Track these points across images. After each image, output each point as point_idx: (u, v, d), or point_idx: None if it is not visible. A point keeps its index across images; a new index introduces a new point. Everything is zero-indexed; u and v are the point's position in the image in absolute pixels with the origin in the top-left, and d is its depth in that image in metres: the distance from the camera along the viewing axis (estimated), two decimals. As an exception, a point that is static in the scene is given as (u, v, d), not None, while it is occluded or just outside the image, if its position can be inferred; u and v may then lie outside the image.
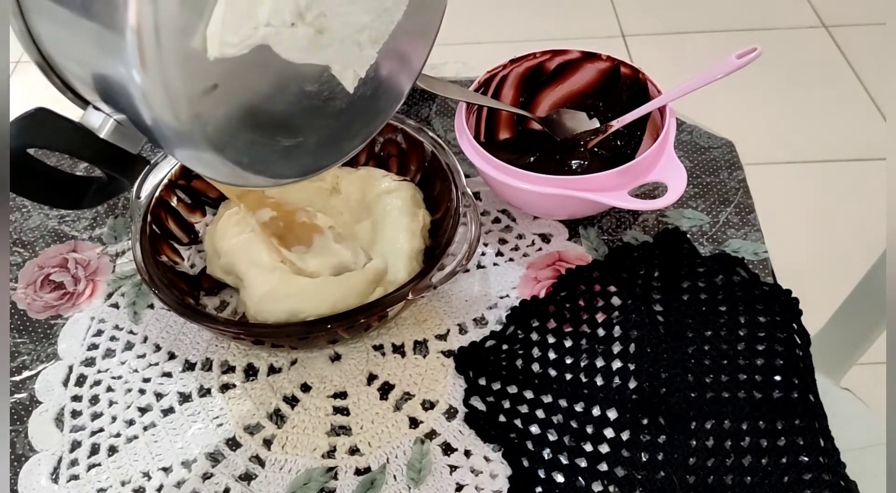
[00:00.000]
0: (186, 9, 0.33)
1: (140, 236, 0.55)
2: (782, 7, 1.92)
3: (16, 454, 0.53)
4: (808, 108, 1.67)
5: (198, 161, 0.38)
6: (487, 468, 0.50)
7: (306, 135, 0.42)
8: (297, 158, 0.43)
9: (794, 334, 0.55)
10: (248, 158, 0.40)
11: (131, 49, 0.32)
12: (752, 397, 0.52)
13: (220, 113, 0.37)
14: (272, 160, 0.41)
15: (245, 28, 0.35)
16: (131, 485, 0.51)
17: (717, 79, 0.57)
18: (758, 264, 0.60)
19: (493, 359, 0.55)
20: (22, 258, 0.65)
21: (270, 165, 0.41)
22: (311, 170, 0.44)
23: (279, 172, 0.42)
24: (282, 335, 0.52)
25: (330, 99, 0.41)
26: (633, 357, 0.54)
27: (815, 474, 0.49)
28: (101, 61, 0.36)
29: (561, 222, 0.64)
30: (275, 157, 0.41)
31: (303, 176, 0.44)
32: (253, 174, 0.40)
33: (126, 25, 0.32)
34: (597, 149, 0.67)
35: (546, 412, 0.52)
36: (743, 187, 0.66)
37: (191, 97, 0.35)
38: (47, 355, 0.58)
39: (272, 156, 0.41)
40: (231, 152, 0.38)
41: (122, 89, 0.35)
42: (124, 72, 0.34)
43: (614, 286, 0.58)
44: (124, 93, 0.35)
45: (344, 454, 0.52)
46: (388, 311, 0.52)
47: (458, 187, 0.57)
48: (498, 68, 0.66)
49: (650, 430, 0.51)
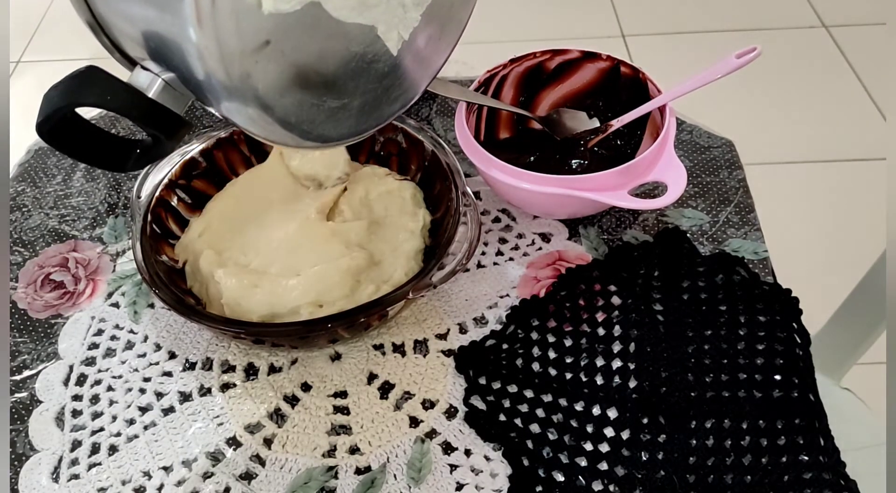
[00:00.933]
0: None
1: (140, 236, 0.55)
2: (782, 7, 1.92)
3: (16, 454, 0.53)
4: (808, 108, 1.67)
5: (246, 118, 0.39)
6: (487, 467, 0.50)
7: (350, 97, 0.43)
8: (341, 120, 0.44)
9: (794, 333, 0.55)
10: (295, 117, 0.41)
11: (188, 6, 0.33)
12: (752, 396, 0.52)
13: (270, 71, 0.38)
14: (318, 121, 0.42)
15: None
16: (132, 484, 0.51)
17: (717, 79, 0.57)
18: (758, 264, 0.60)
19: (494, 358, 0.55)
20: (22, 258, 0.65)
21: (316, 126, 0.42)
22: (352, 133, 0.45)
23: (323, 133, 0.43)
24: (282, 335, 0.52)
25: (374, 61, 0.42)
26: (633, 356, 0.54)
27: (815, 473, 0.49)
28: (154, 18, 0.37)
29: (561, 222, 0.64)
30: (321, 118, 0.42)
31: (344, 139, 0.45)
32: (298, 135, 0.41)
33: None
34: (597, 148, 0.67)
35: (546, 411, 0.52)
36: (743, 187, 0.66)
37: (243, 53, 0.36)
38: (48, 355, 0.58)
39: (318, 117, 0.42)
40: (279, 111, 0.39)
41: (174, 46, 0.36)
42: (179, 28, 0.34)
43: (614, 286, 0.58)
44: (177, 49, 0.36)
45: (344, 453, 0.52)
46: (388, 310, 0.52)
47: (458, 187, 0.57)
48: (498, 68, 0.66)
49: (650, 429, 0.51)
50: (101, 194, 0.69)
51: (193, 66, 0.36)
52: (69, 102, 0.36)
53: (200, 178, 0.62)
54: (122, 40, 0.40)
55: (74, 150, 0.39)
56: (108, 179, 0.70)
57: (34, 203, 0.69)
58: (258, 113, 0.39)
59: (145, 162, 0.42)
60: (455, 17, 0.47)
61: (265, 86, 0.38)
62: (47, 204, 0.69)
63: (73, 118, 0.38)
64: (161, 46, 0.37)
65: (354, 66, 0.42)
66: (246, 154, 0.64)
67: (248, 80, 0.37)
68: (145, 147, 0.41)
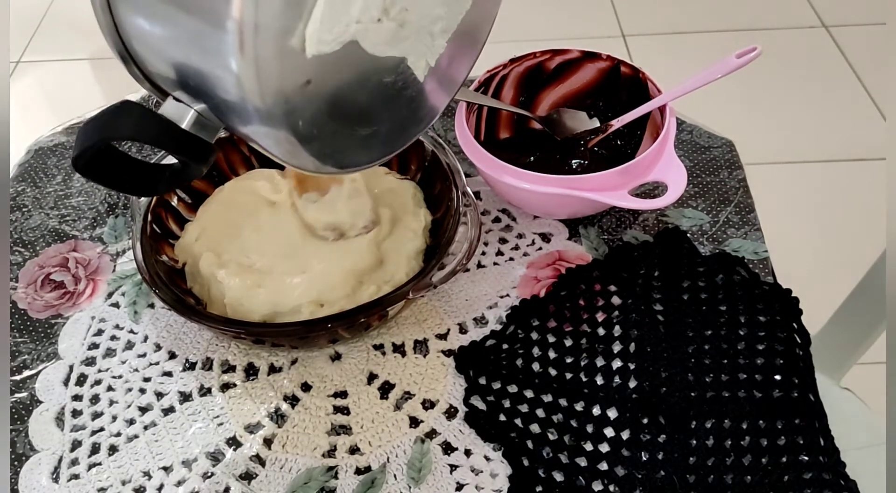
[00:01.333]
0: (288, 9, 0.35)
1: (140, 236, 0.55)
2: (782, 7, 1.92)
3: (16, 454, 0.53)
4: (808, 108, 1.67)
5: (280, 150, 0.40)
6: (487, 468, 0.50)
7: (381, 123, 0.44)
8: (372, 146, 0.45)
9: (794, 333, 0.55)
10: (330, 148, 0.42)
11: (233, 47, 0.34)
12: (752, 396, 0.52)
13: (311, 107, 0.39)
14: (350, 149, 0.44)
15: (339, 26, 0.37)
16: (132, 484, 0.51)
17: (717, 78, 0.57)
18: (758, 264, 0.60)
19: (494, 358, 0.55)
20: (22, 258, 0.65)
21: (348, 155, 0.44)
22: (381, 156, 0.47)
23: (355, 160, 0.45)
24: (282, 335, 0.52)
25: (403, 88, 0.44)
26: (633, 356, 0.54)
27: (815, 473, 0.49)
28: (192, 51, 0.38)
29: (561, 222, 0.64)
30: (353, 146, 0.44)
31: (373, 162, 0.46)
32: (332, 165, 0.43)
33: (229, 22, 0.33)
34: (597, 148, 0.67)
35: (546, 412, 0.52)
36: (743, 187, 0.66)
37: (287, 94, 0.37)
38: (48, 355, 0.58)
39: (351, 145, 0.43)
40: (316, 145, 0.40)
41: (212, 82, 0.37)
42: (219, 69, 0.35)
43: (614, 286, 0.58)
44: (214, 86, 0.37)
45: (344, 453, 0.52)
46: (388, 310, 0.52)
47: (458, 187, 0.57)
48: (498, 68, 0.66)
49: (650, 429, 0.51)
50: (101, 194, 0.69)
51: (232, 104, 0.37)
52: (104, 136, 0.37)
53: (200, 178, 0.62)
54: (153, 72, 0.41)
55: (109, 179, 0.40)
56: (108, 179, 0.70)
57: (34, 203, 0.69)
58: (293, 145, 0.40)
59: (176, 185, 0.43)
60: (476, 37, 0.48)
61: (304, 122, 0.39)
62: (47, 204, 0.69)
63: (108, 150, 0.39)
64: (197, 81, 0.38)
65: (385, 94, 0.43)
66: (246, 154, 0.64)
67: (289, 117, 0.38)
68: (174, 171, 0.42)
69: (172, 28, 0.38)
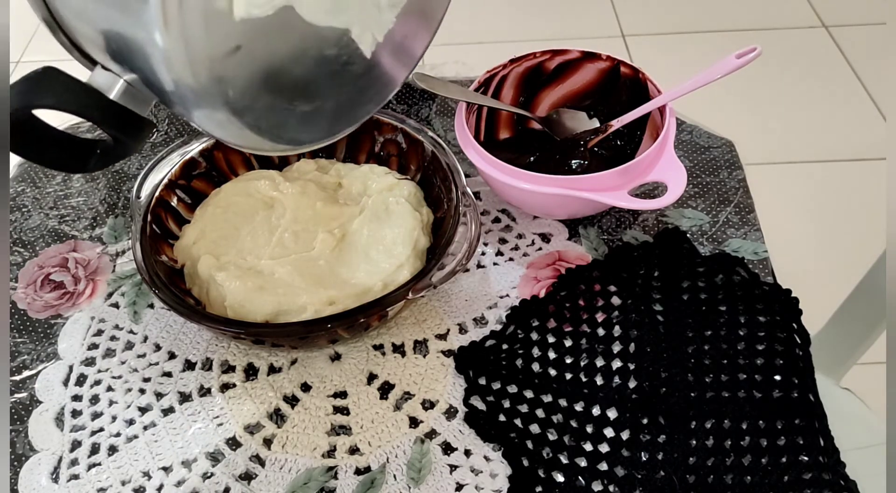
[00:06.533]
0: None
1: (140, 236, 0.55)
2: (782, 7, 1.92)
3: (16, 454, 0.53)
4: (808, 108, 1.67)
5: (215, 124, 0.38)
6: (487, 468, 0.50)
7: (324, 100, 0.42)
8: (314, 123, 0.43)
9: (794, 334, 0.55)
10: (267, 122, 0.40)
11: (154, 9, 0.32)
12: (751, 396, 0.52)
13: (241, 76, 0.37)
14: (290, 125, 0.41)
15: None
16: (131, 485, 0.51)
17: (717, 79, 0.57)
18: (758, 264, 0.60)
19: (493, 359, 0.55)
20: (22, 258, 0.65)
21: (287, 130, 0.41)
22: (325, 136, 0.44)
23: (295, 137, 0.42)
24: (282, 335, 0.52)
25: (348, 63, 0.41)
26: (632, 357, 0.54)
27: (814, 473, 0.49)
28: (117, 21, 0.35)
29: (561, 222, 0.64)
30: (292, 122, 0.41)
31: (317, 142, 0.44)
32: (269, 140, 0.40)
33: None
34: (597, 149, 0.67)
35: (546, 412, 0.52)
36: (743, 187, 0.66)
37: (213, 59, 0.35)
38: (47, 355, 0.58)
39: (290, 121, 0.41)
40: (250, 116, 0.38)
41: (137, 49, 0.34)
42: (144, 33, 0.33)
43: (614, 286, 0.58)
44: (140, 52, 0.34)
45: (344, 453, 0.52)
46: (388, 310, 0.52)
47: (458, 187, 0.57)
48: (498, 68, 0.66)
49: (650, 429, 0.51)
50: (101, 194, 0.69)
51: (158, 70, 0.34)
52: (25, 103, 0.35)
53: (200, 178, 0.62)
54: (81, 40, 0.38)
55: (33, 153, 0.38)
56: (107, 179, 0.70)
57: (34, 203, 0.69)
58: (228, 118, 0.37)
59: (108, 162, 0.41)
60: (430, 13, 0.46)
61: (235, 91, 0.37)
62: (47, 204, 0.69)
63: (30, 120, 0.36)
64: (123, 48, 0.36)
65: (327, 69, 0.41)
66: (246, 154, 0.64)
67: (218, 85, 0.36)
68: (107, 147, 0.39)
69: None
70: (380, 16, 0.41)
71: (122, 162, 0.71)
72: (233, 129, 0.38)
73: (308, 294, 0.53)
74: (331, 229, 0.57)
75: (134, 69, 0.36)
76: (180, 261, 0.58)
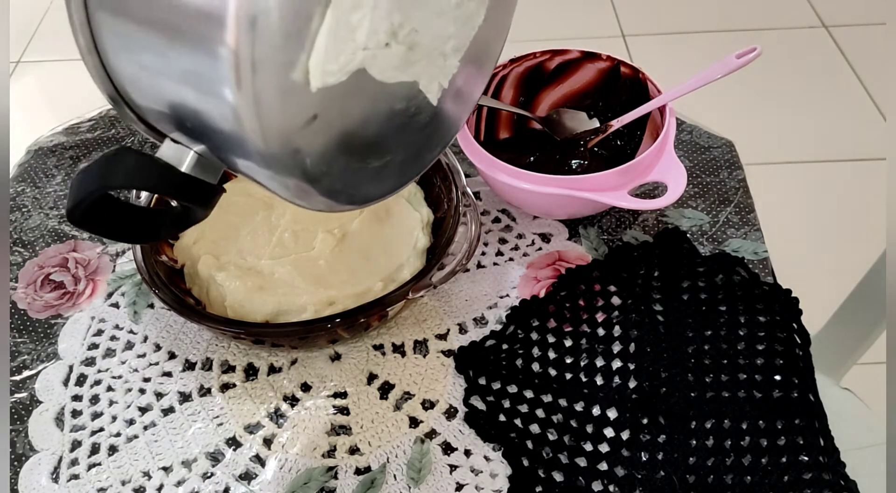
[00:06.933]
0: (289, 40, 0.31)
1: (140, 236, 0.55)
2: (782, 7, 1.92)
3: (16, 454, 0.53)
4: (808, 108, 1.67)
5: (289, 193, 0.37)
6: (487, 468, 0.50)
7: (394, 153, 0.42)
8: (385, 177, 0.42)
9: (794, 333, 0.55)
10: (341, 184, 0.39)
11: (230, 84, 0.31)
12: (752, 396, 0.52)
13: (318, 144, 0.36)
14: (362, 184, 0.41)
15: (345, 54, 0.34)
16: (131, 485, 0.51)
17: (717, 79, 0.57)
18: (758, 264, 0.60)
19: (493, 358, 0.55)
20: (22, 258, 0.65)
21: (360, 189, 0.41)
22: (396, 186, 0.44)
23: (367, 194, 0.42)
24: (282, 335, 0.52)
25: (416, 114, 0.41)
26: (632, 357, 0.54)
27: (814, 473, 0.49)
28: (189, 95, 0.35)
29: (561, 222, 0.64)
30: (365, 179, 0.41)
31: (387, 194, 0.43)
32: (343, 202, 0.40)
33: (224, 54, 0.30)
34: (597, 149, 0.67)
35: (546, 412, 0.52)
36: (743, 187, 0.66)
37: (291, 131, 0.34)
38: (47, 355, 0.58)
39: (363, 179, 0.41)
40: (326, 181, 0.38)
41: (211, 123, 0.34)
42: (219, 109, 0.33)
43: (614, 286, 0.58)
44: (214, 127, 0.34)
45: (344, 453, 0.52)
46: (388, 310, 0.52)
47: (458, 187, 0.57)
48: (498, 68, 0.66)
49: (650, 429, 0.51)
50: (101, 194, 0.69)
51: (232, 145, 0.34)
52: (100, 185, 0.35)
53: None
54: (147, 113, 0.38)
55: (108, 229, 0.38)
56: (107, 179, 0.70)
57: (34, 203, 0.69)
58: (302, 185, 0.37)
59: (179, 229, 0.41)
60: (490, 52, 0.45)
61: (312, 160, 0.36)
62: (47, 204, 0.69)
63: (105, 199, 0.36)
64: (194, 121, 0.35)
65: (397, 123, 0.40)
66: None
67: (294, 157, 0.35)
68: (177, 216, 0.39)
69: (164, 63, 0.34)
70: (445, 63, 0.40)
71: (122, 162, 0.71)
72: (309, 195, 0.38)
73: (308, 294, 0.53)
74: (331, 229, 0.57)
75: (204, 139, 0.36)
76: (180, 261, 0.58)
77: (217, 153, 0.36)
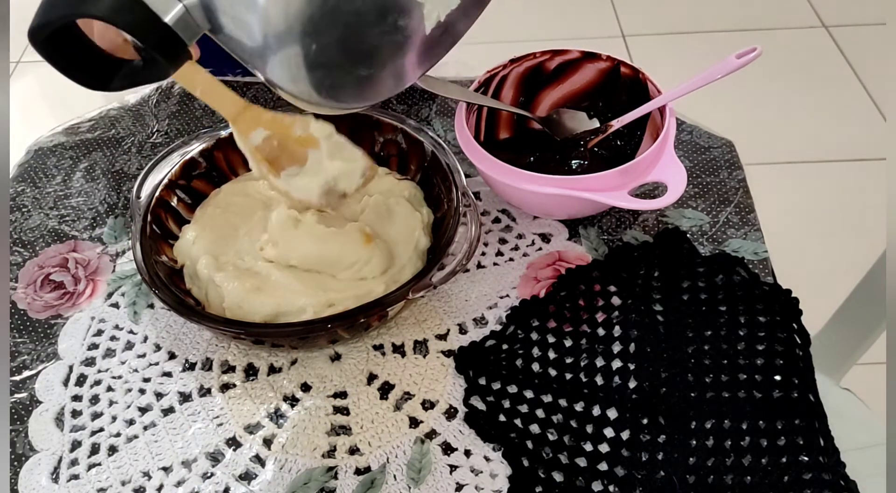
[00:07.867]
0: None
1: (140, 236, 0.55)
2: (782, 7, 1.92)
3: (16, 454, 0.53)
4: (808, 108, 1.67)
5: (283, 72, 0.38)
6: (487, 468, 0.50)
7: (377, 68, 0.43)
8: (365, 89, 0.44)
9: (794, 334, 0.55)
10: (330, 81, 0.41)
11: None
12: (752, 396, 0.52)
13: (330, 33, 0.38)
14: (346, 88, 0.42)
15: None
16: (131, 485, 0.51)
17: (717, 79, 0.57)
18: (758, 264, 0.60)
19: (493, 359, 0.55)
20: (22, 258, 0.65)
21: (342, 92, 0.42)
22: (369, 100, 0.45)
23: (346, 99, 0.43)
24: (282, 335, 0.52)
25: (408, 36, 0.42)
26: (633, 357, 0.54)
27: (814, 473, 0.49)
28: None
29: (561, 222, 0.64)
30: (349, 85, 0.42)
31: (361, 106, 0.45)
32: (325, 98, 0.41)
33: None
34: (597, 149, 0.67)
35: (546, 412, 0.52)
36: (743, 187, 0.66)
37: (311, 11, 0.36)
38: (47, 355, 0.58)
39: (348, 84, 0.42)
40: (319, 73, 0.39)
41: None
42: None
43: (614, 286, 0.58)
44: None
45: (344, 453, 0.52)
46: (388, 310, 0.52)
47: (458, 187, 0.57)
48: (498, 68, 0.66)
49: (650, 429, 0.51)
50: (101, 195, 0.69)
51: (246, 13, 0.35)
52: (73, 11, 0.34)
53: (200, 178, 0.62)
54: None
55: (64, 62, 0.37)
56: (107, 179, 0.70)
57: (34, 203, 0.69)
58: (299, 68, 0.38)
59: (131, 84, 0.40)
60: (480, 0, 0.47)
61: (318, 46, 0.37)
62: (47, 204, 0.69)
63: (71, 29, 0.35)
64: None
65: (392, 38, 0.42)
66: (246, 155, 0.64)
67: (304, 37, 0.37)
68: (134, 68, 0.39)
69: None
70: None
71: (123, 162, 0.71)
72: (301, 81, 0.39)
73: (307, 296, 0.53)
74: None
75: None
76: (180, 261, 0.58)
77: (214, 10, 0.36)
